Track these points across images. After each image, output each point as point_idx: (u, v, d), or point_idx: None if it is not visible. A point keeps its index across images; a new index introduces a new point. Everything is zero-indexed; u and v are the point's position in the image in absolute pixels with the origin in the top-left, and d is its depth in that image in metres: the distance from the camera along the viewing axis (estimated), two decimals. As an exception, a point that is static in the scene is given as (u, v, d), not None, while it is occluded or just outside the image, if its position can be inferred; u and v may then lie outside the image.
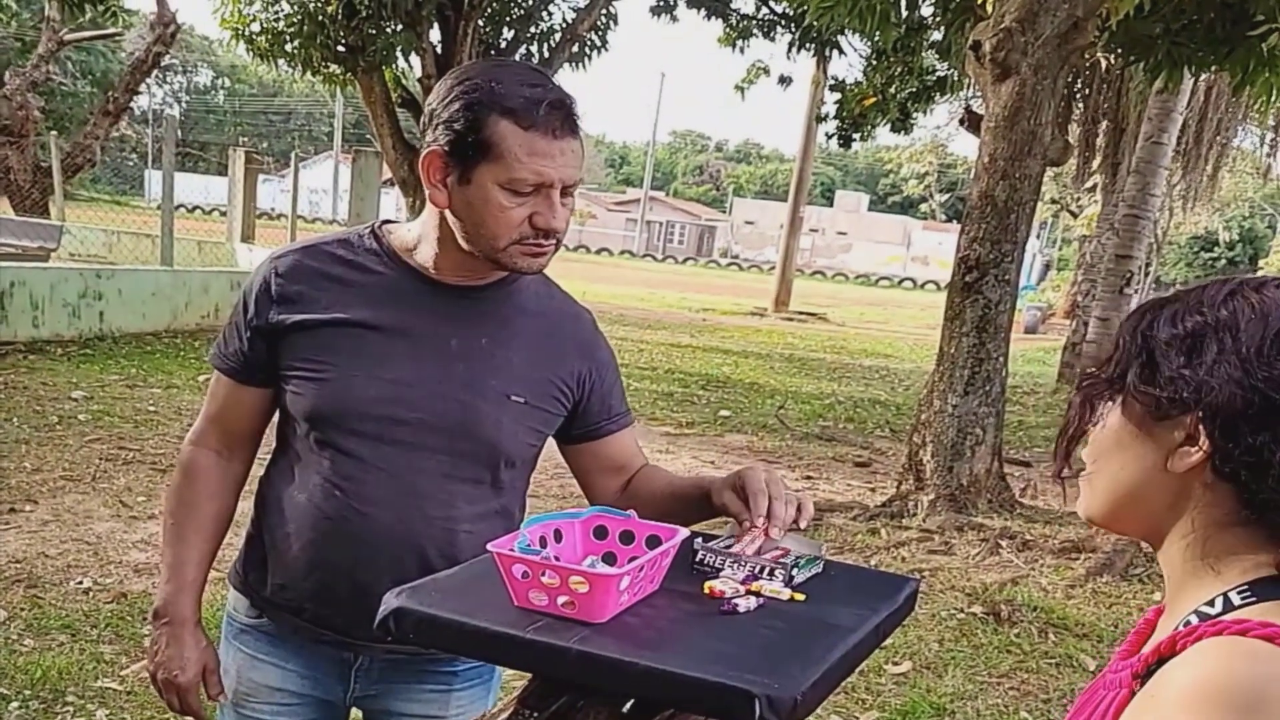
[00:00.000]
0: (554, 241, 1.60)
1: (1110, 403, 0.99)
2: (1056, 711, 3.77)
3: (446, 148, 1.55)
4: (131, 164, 49.78)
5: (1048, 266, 38.69)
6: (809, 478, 7.45)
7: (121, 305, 10.34)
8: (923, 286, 49.95)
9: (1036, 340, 20.23)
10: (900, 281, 51.69)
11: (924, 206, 51.60)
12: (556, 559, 1.48)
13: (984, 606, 4.70)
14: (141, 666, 3.64)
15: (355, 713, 1.85)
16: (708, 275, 44.45)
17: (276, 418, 1.76)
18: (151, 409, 7.56)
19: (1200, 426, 0.92)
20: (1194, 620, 0.91)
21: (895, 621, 1.59)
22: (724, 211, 69.90)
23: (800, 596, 1.53)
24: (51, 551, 4.64)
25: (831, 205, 63.62)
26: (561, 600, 1.37)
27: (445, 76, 1.61)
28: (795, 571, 1.58)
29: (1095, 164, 15.28)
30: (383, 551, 1.64)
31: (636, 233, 58.23)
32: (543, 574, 1.37)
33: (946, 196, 54.19)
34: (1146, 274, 12.55)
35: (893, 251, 58.17)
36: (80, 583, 4.33)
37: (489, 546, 1.42)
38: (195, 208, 27.44)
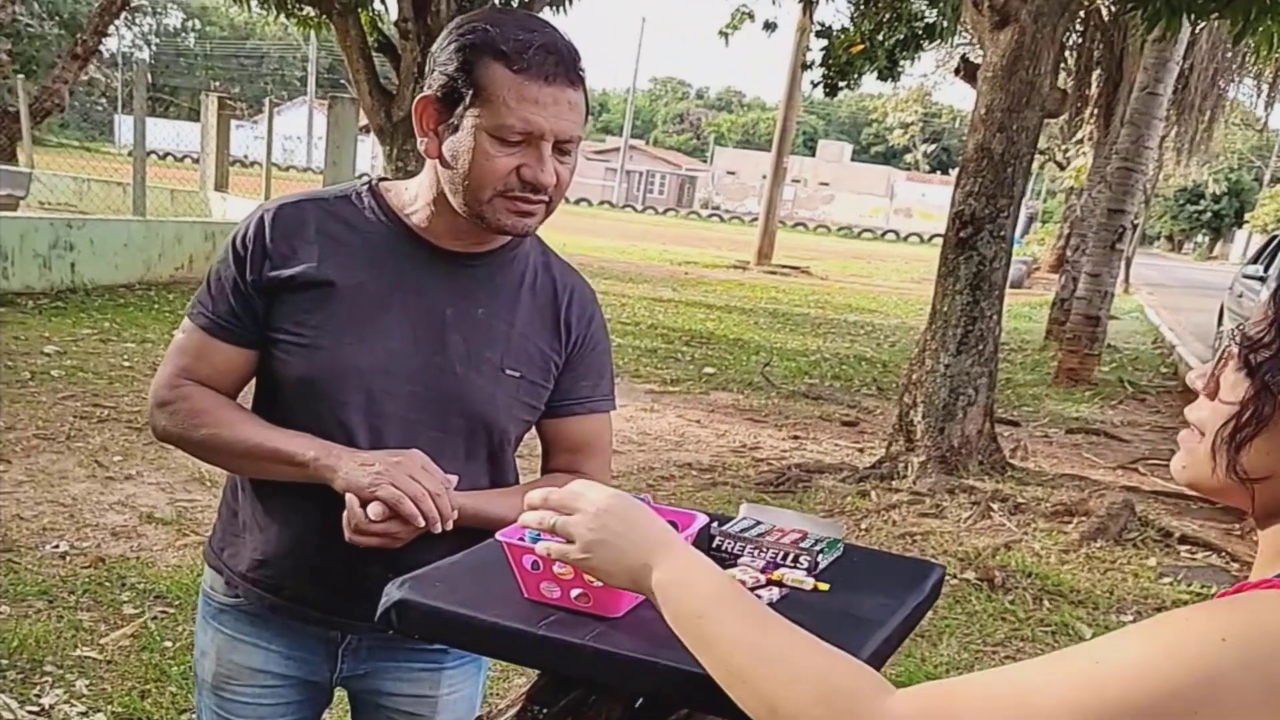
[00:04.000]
0: (544, 200, 1.50)
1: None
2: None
3: (439, 93, 1.47)
4: (101, 109, 48.96)
5: (1031, 219, 38.64)
6: (796, 437, 7.38)
7: (93, 256, 10.11)
8: (906, 239, 49.90)
9: (1022, 295, 20.17)
10: (884, 234, 51.59)
11: (908, 157, 51.37)
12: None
13: (977, 572, 4.65)
14: (121, 635, 3.55)
15: (340, 692, 1.77)
16: (689, 226, 44.26)
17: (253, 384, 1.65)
18: (126, 364, 7.40)
19: None
20: None
21: (922, 612, 1.51)
22: (705, 161, 69.57)
23: (824, 586, 1.45)
24: (26, 514, 4.52)
25: (814, 155, 63.40)
26: (575, 593, 1.29)
27: (449, 25, 1.53)
28: (820, 558, 1.50)
29: (1086, 114, 15.15)
30: None
31: (616, 182, 57.88)
32: (555, 565, 1.28)
33: (932, 147, 54.02)
34: (1134, 227, 12.49)
35: (876, 203, 58.04)
36: (56, 547, 4.22)
37: (498, 536, 1.34)
38: (166, 154, 26.86)
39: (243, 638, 1.68)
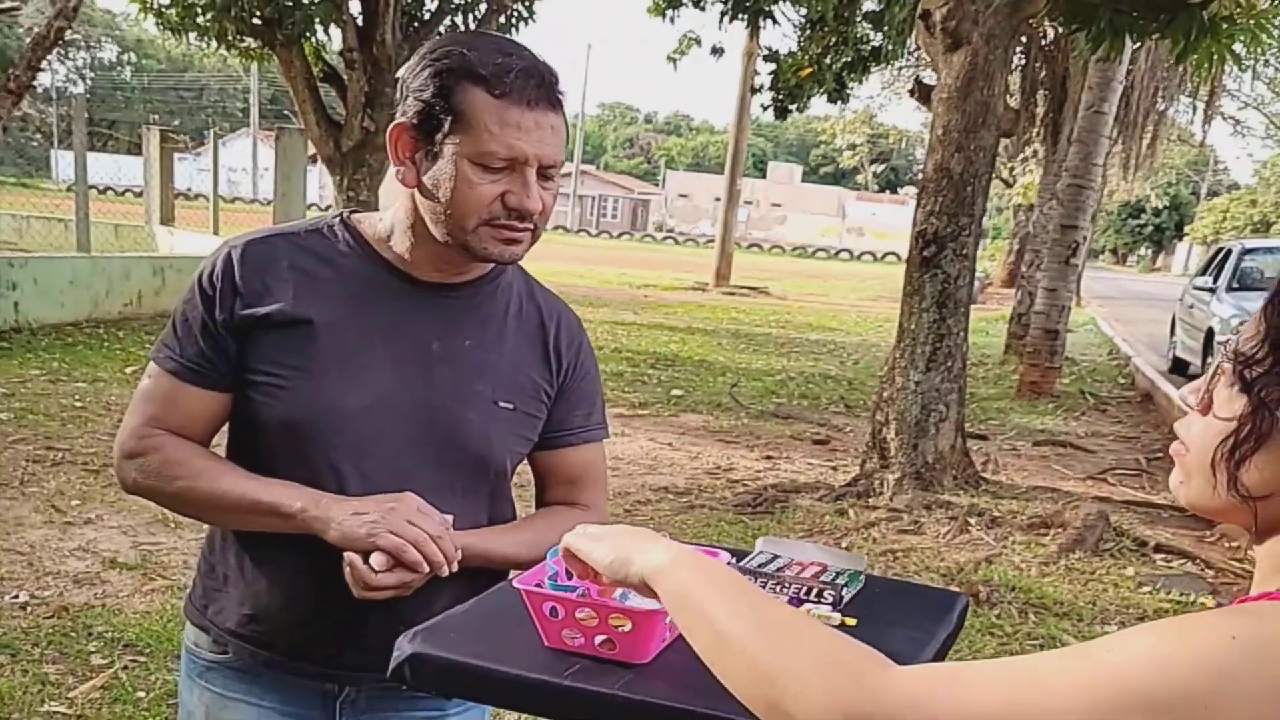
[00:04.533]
0: (530, 227, 1.45)
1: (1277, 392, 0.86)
2: (1047, 697, 3.70)
3: (414, 120, 1.42)
4: (36, 144, 48.28)
5: (980, 235, 39.24)
6: (769, 457, 7.35)
7: (38, 295, 9.80)
8: (859, 257, 50.41)
9: (978, 310, 20.35)
10: (837, 253, 52.06)
11: (859, 177, 51.93)
12: (586, 592, 1.33)
13: (961, 587, 4.62)
14: (90, 687, 3.41)
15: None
16: (644, 249, 44.33)
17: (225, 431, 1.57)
18: (78, 404, 7.22)
19: None
20: None
21: (950, 644, 1.47)
22: (656, 184, 69.84)
23: (851, 620, 1.41)
24: (-18, 564, 4.36)
25: (764, 177, 63.84)
26: (599, 640, 1.24)
27: (419, 50, 1.48)
28: (844, 591, 1.45)
29: (1033, 133, 15.38)
30: None
31: (569, 207, 57.91)
32: (578, 611, 1.22)
33: (881, 167, 54.67)
34: (1085, 241, 12.65)
35: (828, 223, 58.57)
36: (16, 597, 4.06)
37: (515, 583, 1.29)
38: (107, 188, 26.44)
39: (233, 695, 1.59)
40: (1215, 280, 11.81)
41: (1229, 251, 12.47)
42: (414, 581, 1.42)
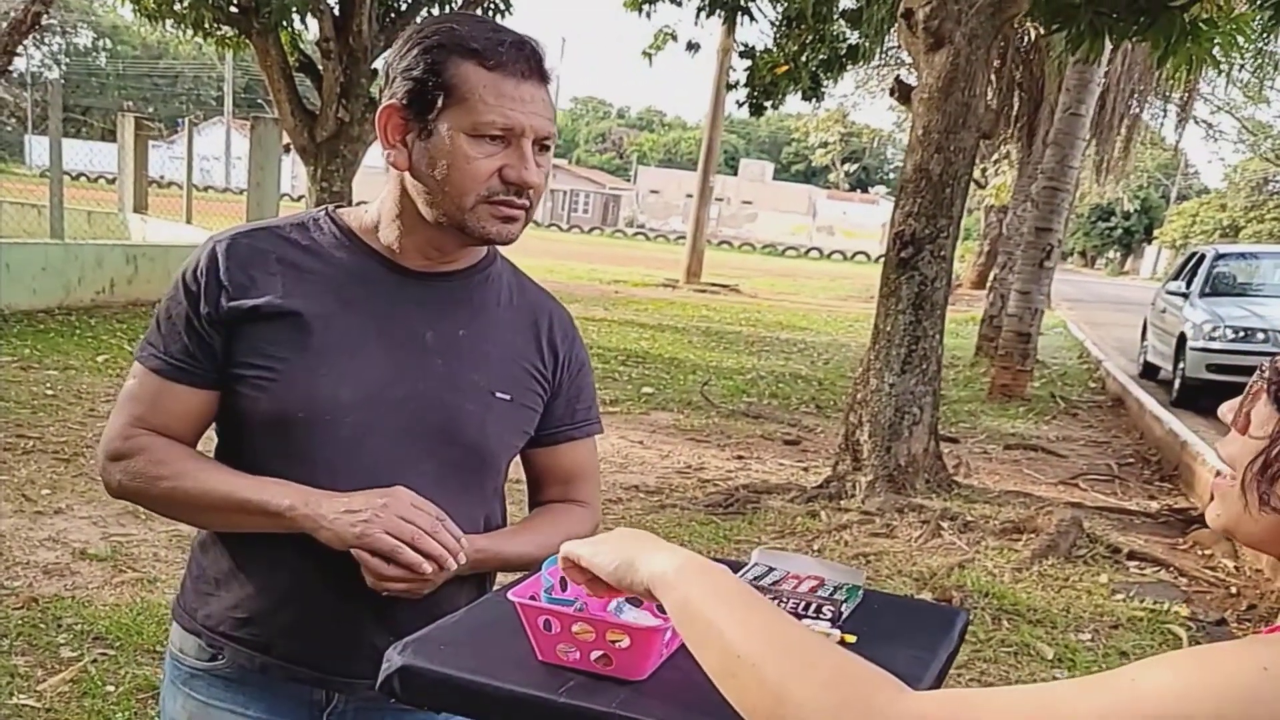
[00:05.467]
0: (526, 204, 1.44)
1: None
2: (1021, 702, 3.71)
3: (404, 100, 1.40)
4: (10, 129, 47.66)
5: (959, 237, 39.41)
6: (740, 457, 7.34)
7: (10, 281, 9.72)
8: (829, 256, 50.53)
9: (948, 311, 20.51)
10: (807, 251, 52.13)
11: (830, 176, 52.05)
12: (584, 606, 1.31)
13: (934, 592, 4.63)
14: (60, 680, 3.36)
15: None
16: (615, 245, 44.28)
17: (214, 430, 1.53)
18: (50, 393, 7.12)
19: None
20: None
21: (951, 662, 1.45)
22: (628, 180, 69.70)
23: (850, 638, 1.39)
24: (-51, 554, 4.29)
25: (736, 174, 63.86)
26: (595, 655, 1.21)
27: (401, 34, 1.47)
28: (844, 607, 1.43)
29: (1008, 135, 15.46)
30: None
31: (540, 202, 57.72)
32: (574, 626, 1.20)
33: (852, 166, 54.83)
34: (1059, 244, 12.72)
35: (799, 221, 58.64)
36: (-17, 588, 4.00)
37: (510, 595, 1.26)
38: (79, 174, 26.17)
39: (217, 703, 1.55)
40: (1188, 285, 11.86)
41: (1202, 256, 12.55)
42: (430, 578, 1.39)
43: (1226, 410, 0.91)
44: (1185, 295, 11.59)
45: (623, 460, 6.98)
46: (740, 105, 12.79)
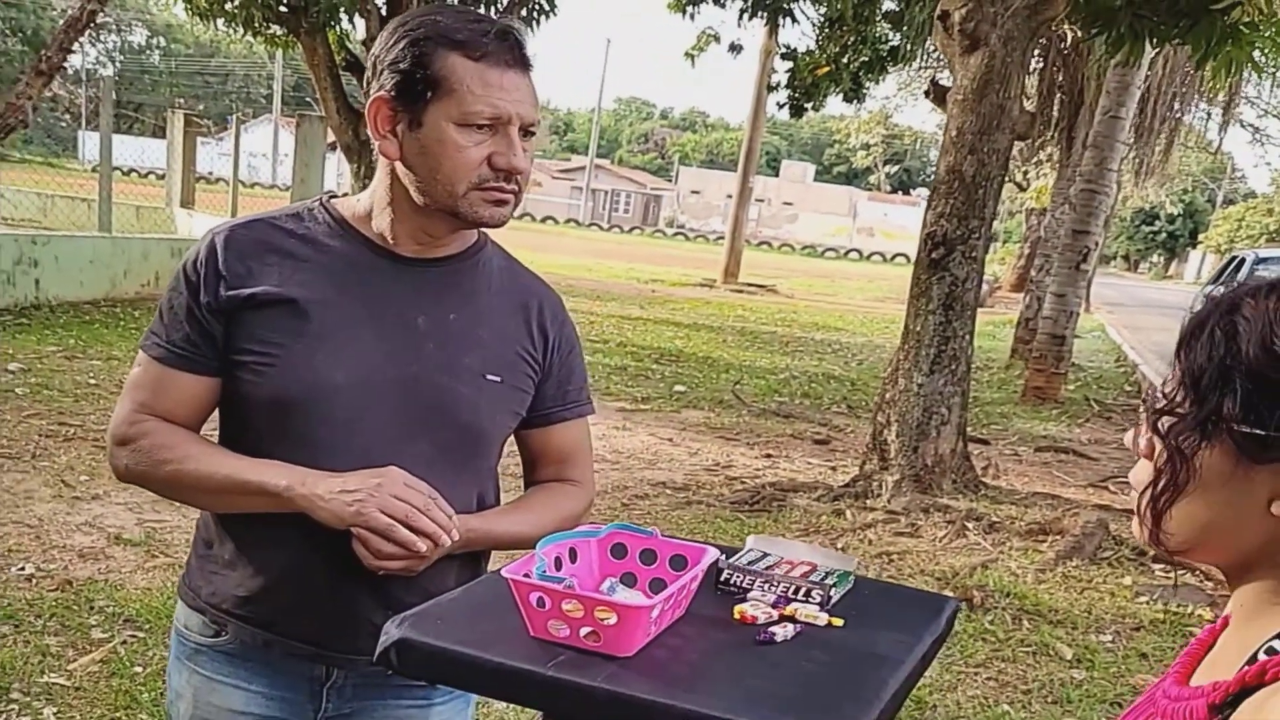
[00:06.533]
0: (515, 188, 1.49)
1: (1194, 440, 0.83)
2: (1037, 703, 3.71)
3: (393, 92, 1.45)
4: (64, 125, 48.40)
5: (991, 239, 39.08)
6: (769, 456, 7.36)
7: (58, 273, 9.95)
8: (869, 258, 50.24)
9: (984, 314, 20.28)
10: (846, 253, 51.89)
11: (871, 178, 51.74)
12: (574, 583, 1.36)
13: (955, 592, 4.63)
14: (90, 660, 3.46)
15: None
16: (654, 245, 44.29)
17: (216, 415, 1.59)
18: (92, 382, 7.27)
19: None
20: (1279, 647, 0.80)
21: (938, 647, 1.48)
22: (669, 180, 69.69)
23: (838, 621, 1.42)
24: (-10, 536, 4.41)
25: (777, 175, 63.67)
26: (584, 632, 1.25)
27: (386, 27, 1.51)
28: (833, 591, 1.47)
29: (1048, 137, 15.33)
30: None
31: (582, 201, 57.87)
32: (564, 602, 1.24)
33: (894, 168, 54.42)
34: (1097, 247, 12.60)
35: (839, 222, 58.41)
36: (22, 569, 4.11)
37: (504, 572, 1.30)
38: (130, 170, 26.58)
39: (221, 679, 1.60)
40: (1227, 289, 11.71)
41: (1242, 260, 12.39)
42: (424, 554, 1.43)
43: (1131, 440, 0.90)
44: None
45: (652, 457, 7.02)
46: (781, 107, 12.81)
